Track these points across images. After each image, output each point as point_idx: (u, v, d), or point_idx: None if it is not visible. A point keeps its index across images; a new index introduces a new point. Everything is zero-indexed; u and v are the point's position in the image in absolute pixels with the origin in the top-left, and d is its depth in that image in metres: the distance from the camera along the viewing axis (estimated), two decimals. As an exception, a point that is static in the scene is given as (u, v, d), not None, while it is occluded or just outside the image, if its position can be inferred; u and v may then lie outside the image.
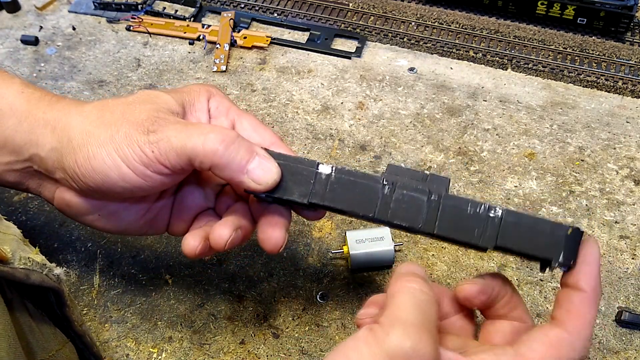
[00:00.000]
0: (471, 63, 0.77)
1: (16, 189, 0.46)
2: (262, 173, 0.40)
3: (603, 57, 0.76)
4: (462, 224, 0.38)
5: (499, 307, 0.40)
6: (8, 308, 0.37)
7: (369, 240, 0.55)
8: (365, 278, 0.57)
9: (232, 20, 0.79)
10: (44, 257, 0.40)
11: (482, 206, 0.38)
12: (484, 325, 0.42)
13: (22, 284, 0.38)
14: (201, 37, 0.78)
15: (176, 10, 0.82)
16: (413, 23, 0.81)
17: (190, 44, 0.78)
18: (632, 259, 0.58)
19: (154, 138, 0.39)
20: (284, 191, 0.41)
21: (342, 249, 0.56)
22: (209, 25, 0.79)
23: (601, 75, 0.74)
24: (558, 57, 0.77)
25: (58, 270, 0.40)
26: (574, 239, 0.37)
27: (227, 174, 0.40)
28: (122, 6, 0.82)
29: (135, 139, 0.39)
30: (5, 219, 0.42)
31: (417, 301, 0.34)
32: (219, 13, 0.82)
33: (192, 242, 0.44)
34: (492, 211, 0.38)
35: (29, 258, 0.38)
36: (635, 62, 0.75)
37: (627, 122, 0.70)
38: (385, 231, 0.56)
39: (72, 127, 0.41)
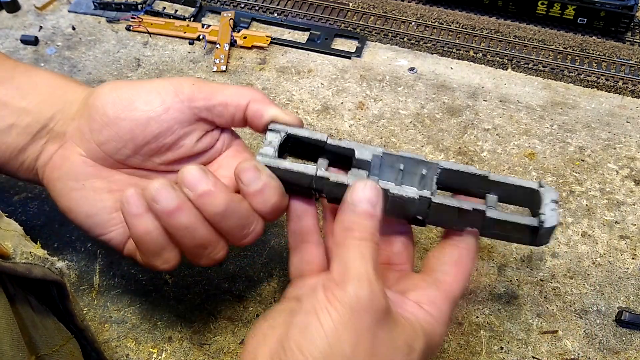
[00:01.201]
0: (471, 63, 0.77)
1: (10, 166, 0.47)
2: (287, 113, 0.45)
3: (603, 57, 0.76)
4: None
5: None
6: (10, 303, 0.37)
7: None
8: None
9: (232, 20, 0.79)
10: (45, 251, 0.40)
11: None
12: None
13: (24, 278, 0.38)
14: (201, 37, 0.78)
15: (176, 10, 0.82)
16: (413, 23, 0.81)
17: (190, 43, 0.78)
18: (632, 259, 0.58)
19: (194, 80, 0.46)
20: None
21: (342, 249, 0.56)
22: (209, 25, 0.79)
23: (601, 75, 0.74)
24: (558, 57, 0.77)
25: (60, 264, 0.40)
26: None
27: (255, 105, 0.44)
28: (122, 6, 0.82)
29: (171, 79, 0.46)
30: (6, 216, 0.42)
31: (362, 252, 0.37)
32: (219, 13, 0.82)
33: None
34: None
35: (30, 253, 0.38)
36: (635, 62, 0.75)
37: (627, 122, 0.70)
38: (385, 231, 0.56)
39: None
